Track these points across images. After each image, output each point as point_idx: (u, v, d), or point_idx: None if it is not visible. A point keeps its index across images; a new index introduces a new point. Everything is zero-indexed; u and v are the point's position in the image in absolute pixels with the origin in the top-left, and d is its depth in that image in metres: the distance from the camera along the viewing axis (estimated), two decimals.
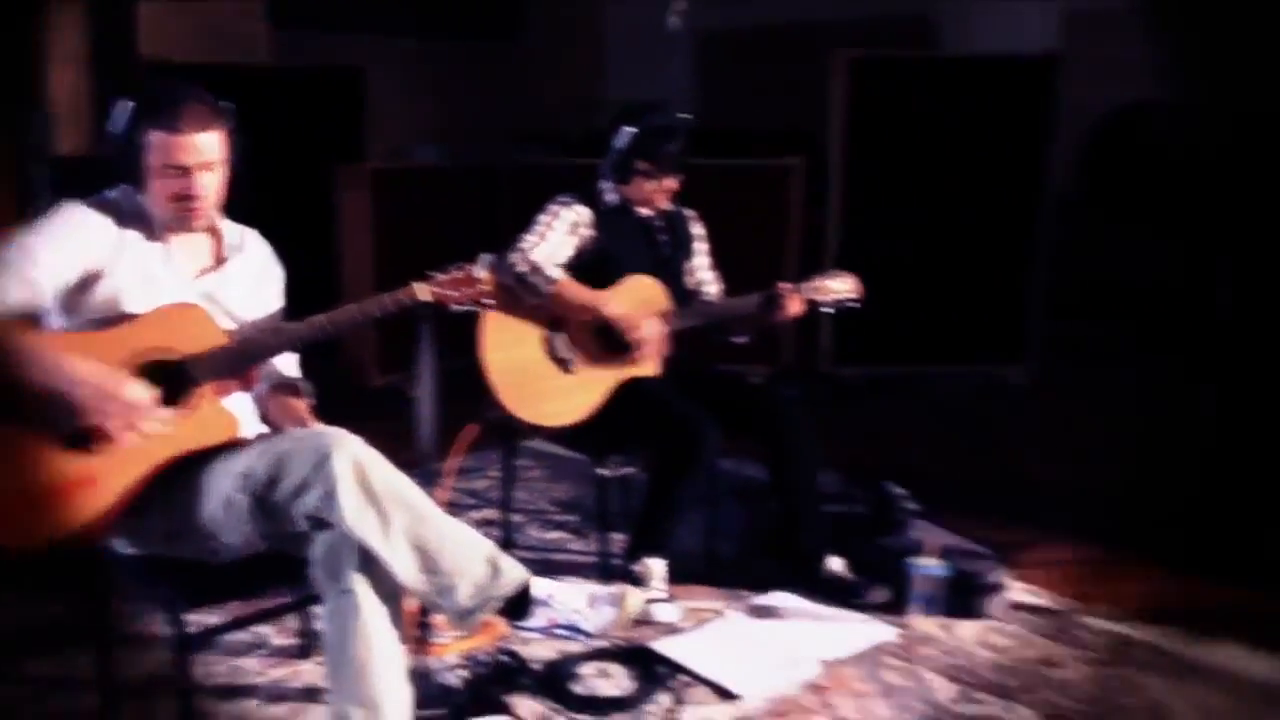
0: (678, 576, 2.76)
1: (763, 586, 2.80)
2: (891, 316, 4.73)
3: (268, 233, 2.25)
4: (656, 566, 2.69)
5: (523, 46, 7.41)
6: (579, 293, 2.67)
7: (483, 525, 3.07)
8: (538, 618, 1.94)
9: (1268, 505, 3.37)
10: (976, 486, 3.67)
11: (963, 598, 2.65)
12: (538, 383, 2.69)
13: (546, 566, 2.92)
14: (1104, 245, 5.92)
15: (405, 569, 1.85)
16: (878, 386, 4.79)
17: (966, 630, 2.60)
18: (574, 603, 1.94)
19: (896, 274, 4.73)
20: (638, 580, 2.66)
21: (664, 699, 2.30)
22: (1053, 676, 2.40)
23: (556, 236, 2.68)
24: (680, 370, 2.80)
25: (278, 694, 2.29)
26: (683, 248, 2.91)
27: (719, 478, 3.05)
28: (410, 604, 1.99)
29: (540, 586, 1.95)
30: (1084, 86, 6.32)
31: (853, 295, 2.84)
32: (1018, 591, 2.78)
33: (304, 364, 2.25)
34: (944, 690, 2.34)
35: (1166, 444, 4.20)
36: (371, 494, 1.82)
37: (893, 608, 2.68)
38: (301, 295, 2.26)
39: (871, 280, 4.69)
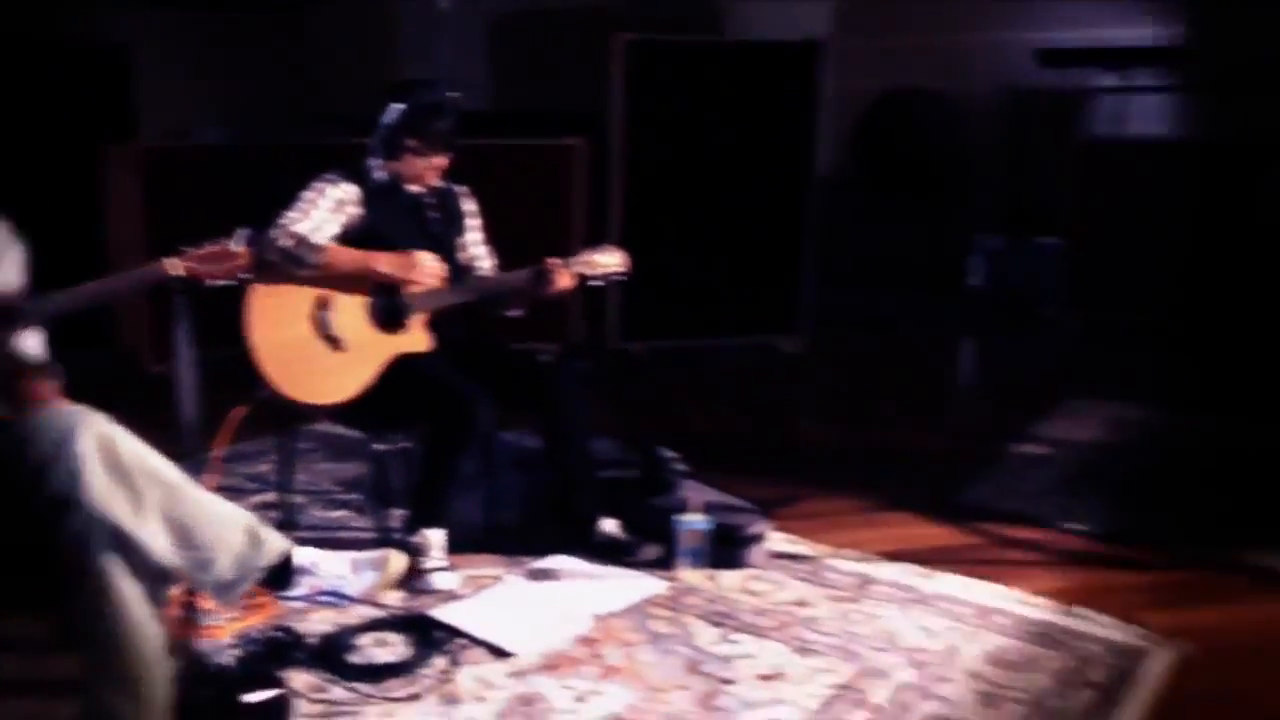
0: (460, 547, 2.82)
1: (542, 552, 2.89)
2: (674, 292, 4.94)
3: (27, 213, 2.16)
4: (435, 537, 2.74)
5: (310, 23, 7.21)
6: (349, 255, 2.68)
7: (262, 509, 3.04)
8: (301, 586, 1.96)
9: (1000, 456, 3.75)
10: (749, 448, 3.90)
11: (726, 549, 2.83)
12: (308, 361, 2.69)
13: (328, 545, 2.91)
14: (873, 221, 6.33)
15: (160, 545, 1.84)
16: (662, 359, 4.98)
17: (730, 579, 2.79)
18: (337, 569, 1.97)
19: (677, 251, 4.94)
20: (417, 551, 2.71)
21: (440, 662, 2.36)
22: (803, 614, 2.61)
23: (320, 214, 2.68)
24: (452, 344, 2.86)
25: (31, 688, 2.21)
26: (454, 224, 2.97)
27: (500, 449, 3.13)
28: (178, 587, 1.97)
29: (303, 555, 1.98)
30: (857, 71, 6.75)
31: (620, 268, 2.96)
32: (778, 541, 3.00)
33: (77, 351, 2.17)
34: (705, 634, 2.51)
35: (923, 402, 4.58)
36: (120, 470, 1.80)
37: (663, 563, 2.83)
38: (65, 277, 2.18)
39: (653, 258, 4.88)
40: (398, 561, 2.03)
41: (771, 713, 2.19)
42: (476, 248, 3.02)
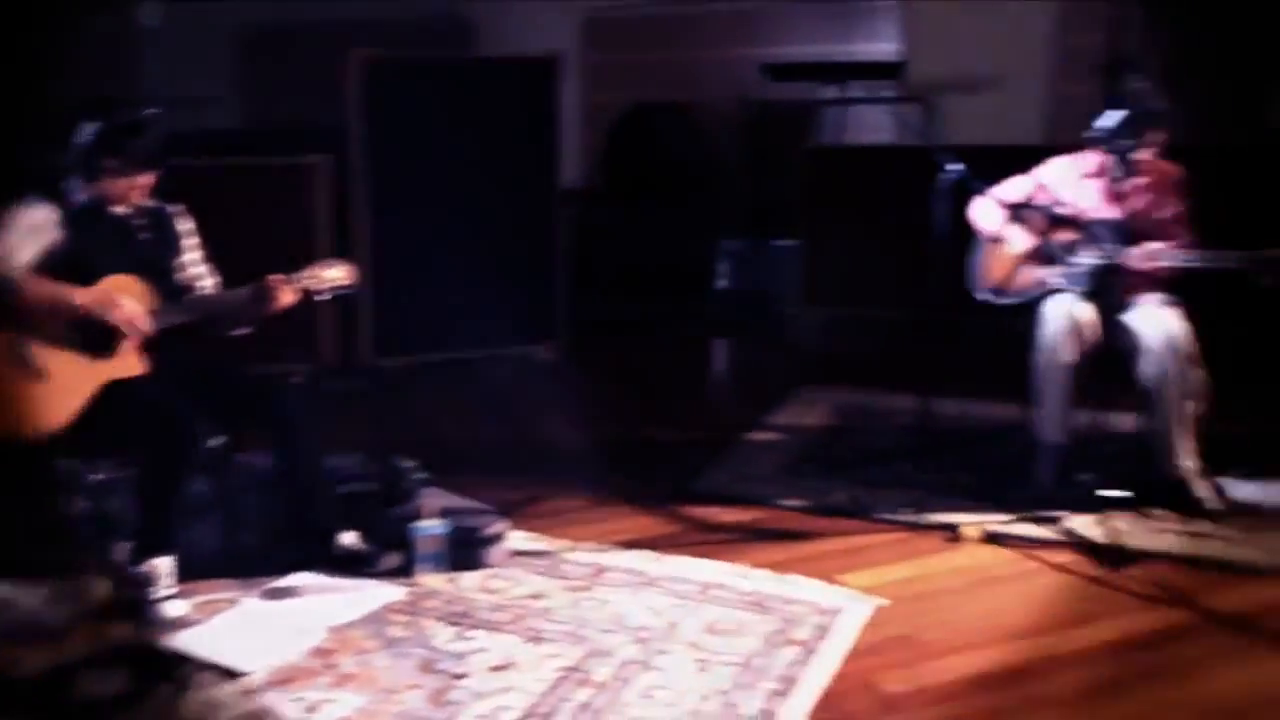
0: (198, 572, 2.78)
1: (282, 571, 2.87)
2: (427, 307, 4.96)
3: None
4: (163, 565, 2.68)
5: (37, 40, 6.76)
6: (45, 289, 2.58)
7: None
8: None
9: (734, 444, 4.00)
10: (499, 454, 3.99)
11: (464, 551, 2.91)
12: (5, 392, 2.57)
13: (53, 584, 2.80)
14: (625, 230, 6.56)
15: None
16: (419, 374, 4.99)
17: (469, 580, 2.86)
18: (31, 602, 1.92)
19: (429, 267, 4.96)
20: (145, 582, 2.64)
21: (166, 690, 2.32)
22: (539, 606, 2.72)
23: (13, 240, 2.57)
24: (173, 367, 2.80)
25: None
26: (168, 244, 2.90)
27: (236, 471, 3.08)
28: None
29: None
30: (606, 85, 7.00)
31: (345, 281, 2.97)
32: (519, 540, 3.09)
33: None
34: (442, 634, 2.58)
35: (671, 400, 4.81)
36: None
37: (404, 570, 2.87)
38: None
39: (405, 274, 4.89)
40: (100, 588, 1.99)
41: (500, 700, 2.29)
42: (196, 267, 2.96)
